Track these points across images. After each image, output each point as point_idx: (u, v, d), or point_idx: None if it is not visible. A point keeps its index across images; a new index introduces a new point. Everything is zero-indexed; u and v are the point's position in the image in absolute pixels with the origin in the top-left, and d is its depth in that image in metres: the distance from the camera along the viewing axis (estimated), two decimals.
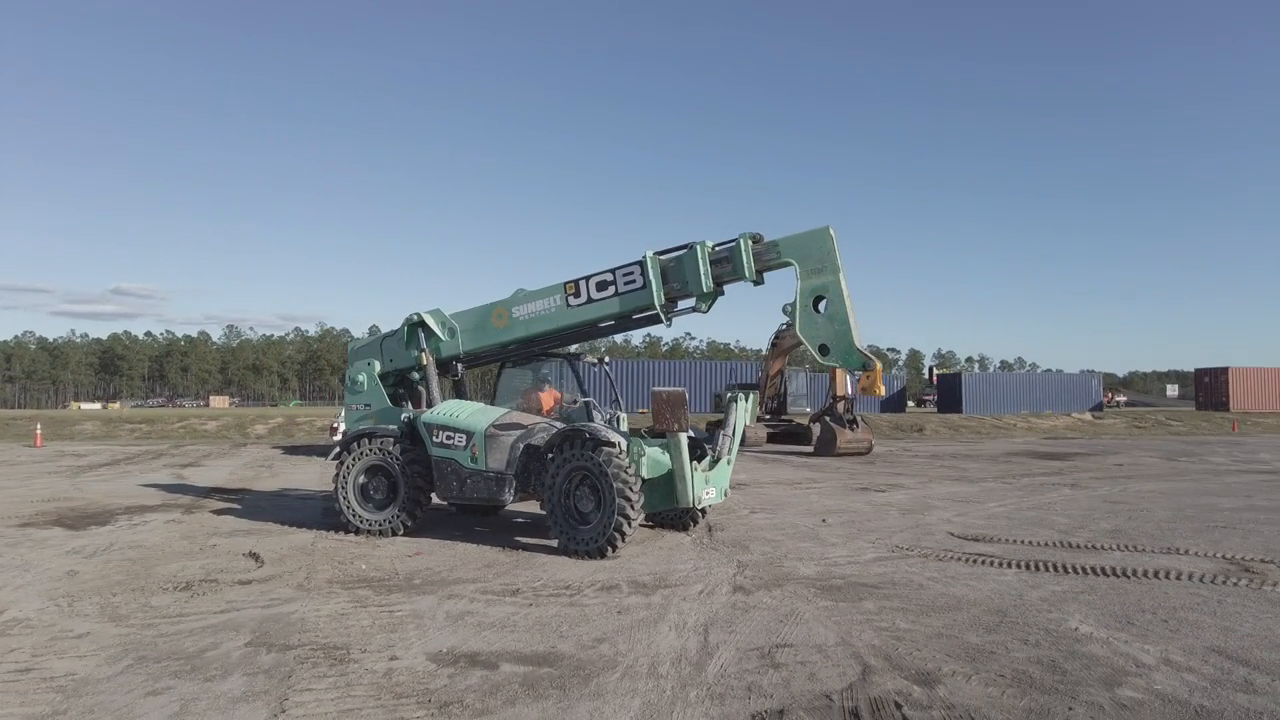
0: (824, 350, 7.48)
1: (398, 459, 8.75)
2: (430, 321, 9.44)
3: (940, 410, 48.24)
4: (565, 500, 7.66)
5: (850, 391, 23.15)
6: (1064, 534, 8.81)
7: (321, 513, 10.70)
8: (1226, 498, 12.08)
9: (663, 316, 8.35)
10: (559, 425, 8.46)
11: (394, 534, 8.70)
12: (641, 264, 8.29)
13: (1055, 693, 4.00)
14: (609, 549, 7.31)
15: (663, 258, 8.32)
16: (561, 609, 5.65)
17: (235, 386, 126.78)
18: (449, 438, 8.43)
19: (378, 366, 9.80)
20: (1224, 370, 43.33)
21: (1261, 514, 10.34)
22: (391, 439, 8.88)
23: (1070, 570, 6.86)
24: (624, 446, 7.51)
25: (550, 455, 7.79)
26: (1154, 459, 20.18)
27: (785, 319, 10.26)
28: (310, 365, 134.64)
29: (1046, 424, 37.78)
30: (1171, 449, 24.15)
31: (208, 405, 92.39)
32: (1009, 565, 7.10)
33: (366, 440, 8.99)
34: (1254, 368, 43.45)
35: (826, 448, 21.44)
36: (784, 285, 8.25)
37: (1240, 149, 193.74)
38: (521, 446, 8.16)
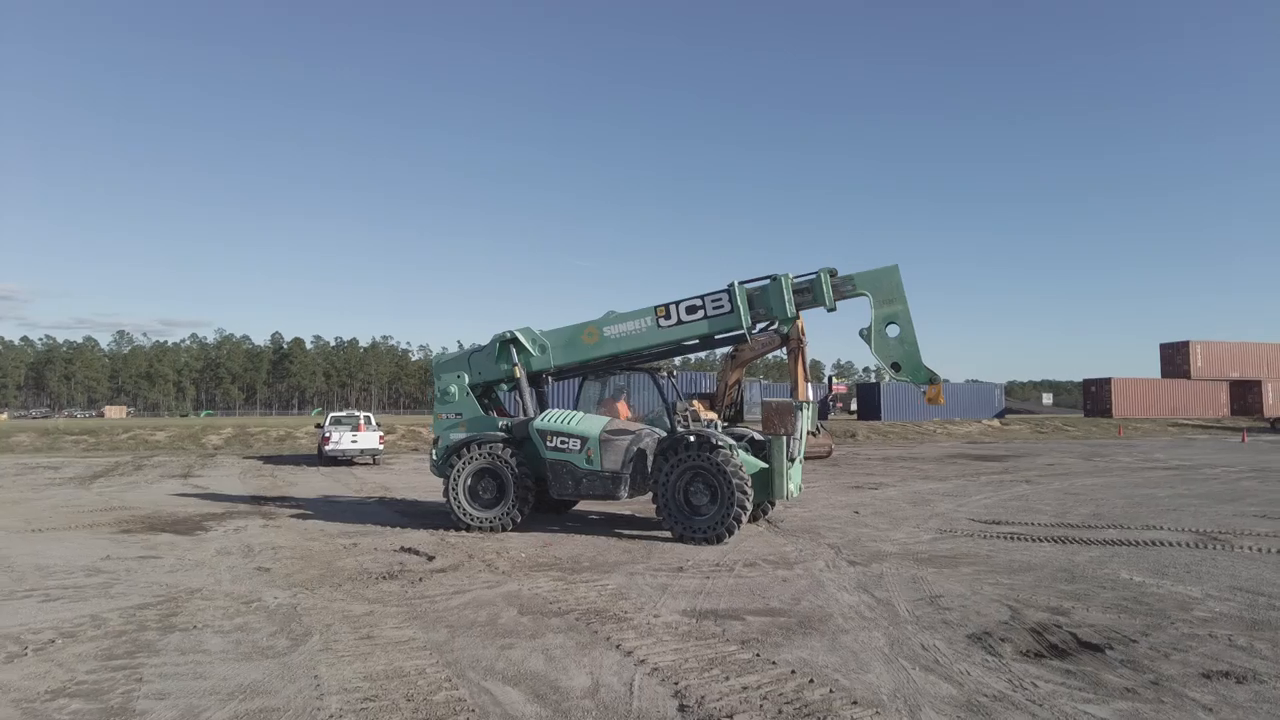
0: (896, 367, 9.07)
1: (508, 462, 9.71)
2: (522, 339, 10.45)
3: (860, 418, 51.66)
4: (677, 496, 8.88)
5: (812, 396, 25.20)
6: (1058, 518, 10.74)
7: (396, 514, 11.48)
8: (1157, 489, 14.55)
9: (749, 337, 9.73)
10: (658, 431, 9.66)
11: (503, 529, 9.66)
12: (730, 292, 9.64)
13: (1152, 614, 5.64)
14: (727, 535, 8.62)
15: (747, 286, 9.70)
16: (735, 580, 6.92)
17: (127, 396, 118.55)
18: (563, 442, 9.48)
19: (466, 379, 10.71)
20: (1108, 381, 48.64)
21: (1193, 500, 12.72)
22: (500, 444, 9.83)
23: (1089, 542, 8.69)
24: (734, 448, 8.82)
25: (664, 456, 9.01)
26: (1074, 459, 23.12)
27: None
28: (209, 373, 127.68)
29: (962, 430, 41.43)
30: (1082, 451, 27.49)
31: (102, 415, 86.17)
32: (1040, 540, 8.87)
33: (475, 446, 9.90)
34: (1133, 378, 49.02)
35: None
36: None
37: (1110, 160, 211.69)
38: (635, 449, 9.32)
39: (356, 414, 22.97)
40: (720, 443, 8.77)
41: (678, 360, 12.13)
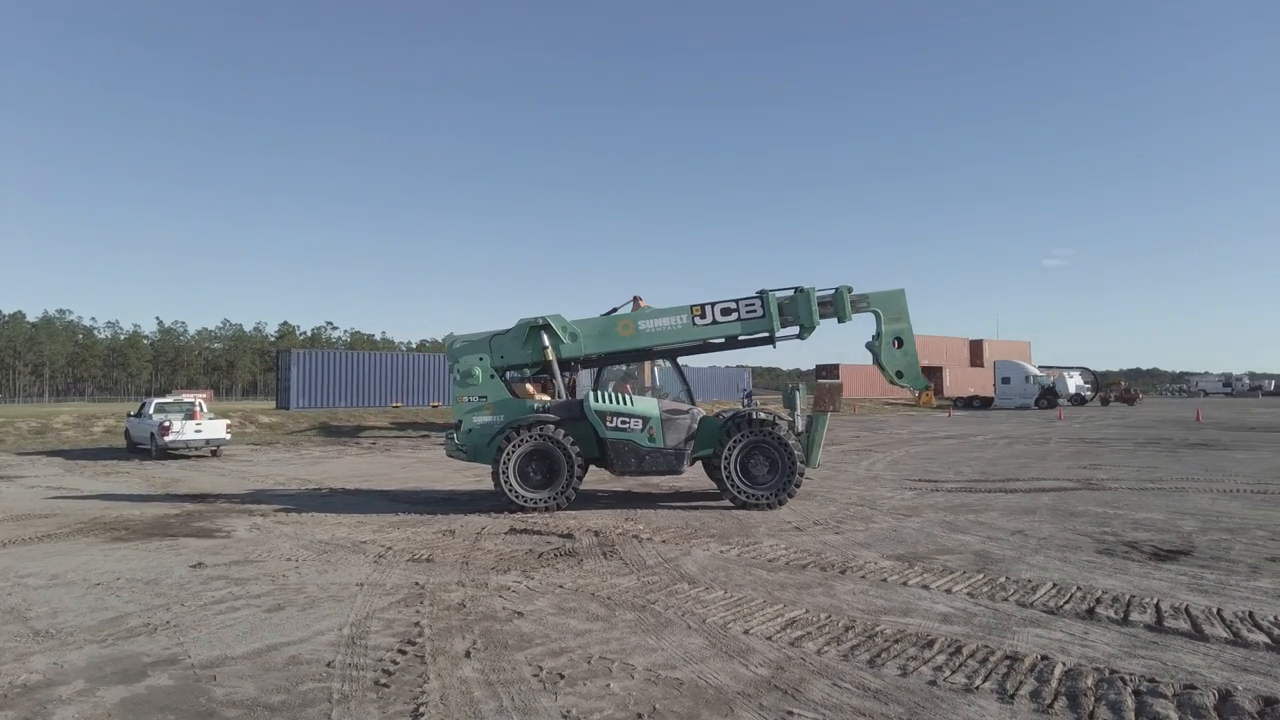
0: (899, 374, 10.85)
1: (562, 443, 9.88)
2: (554, 325, 10.58)
3: None
4: (736, 468, 9.90)
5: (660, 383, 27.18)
6: (957, 475, 13.60)
7: (393, 503, 10.98)
8: (975, 453, 18.59)
9: (774, 341, 10.92)
10: (699, 410, 10.47)
11: (558, 509, 9.86)
12: (763, 299, 10.68)
13: (1167, 531, 8.07)
14: (787, 499, 9.89)
15: (777, 295, 10.81)
16: (857, 534, 8.21)
17: None
18: (624, 422, 9.95)
19: (488, 361, 10.57)
20: (837, 366, 57.82)
21: (1019, 461, 16.62)
22: (552, 425, 9.95)
23: (1026, 491, 11.37)
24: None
25: (726, 433, 9.97)
26: (864, 433, 27.89)
27: None
28: None
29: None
30: (856, 427, 32.98)
31: None
32: (991, 491, 11.40)
33: (524, 429, 9.91)
34: (857, 365, 58.74)
35: None
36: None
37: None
38: (695, 427, 10.10)
39: (186, 399, 19.84)
40: (778, 419, 10.00)
41: None
